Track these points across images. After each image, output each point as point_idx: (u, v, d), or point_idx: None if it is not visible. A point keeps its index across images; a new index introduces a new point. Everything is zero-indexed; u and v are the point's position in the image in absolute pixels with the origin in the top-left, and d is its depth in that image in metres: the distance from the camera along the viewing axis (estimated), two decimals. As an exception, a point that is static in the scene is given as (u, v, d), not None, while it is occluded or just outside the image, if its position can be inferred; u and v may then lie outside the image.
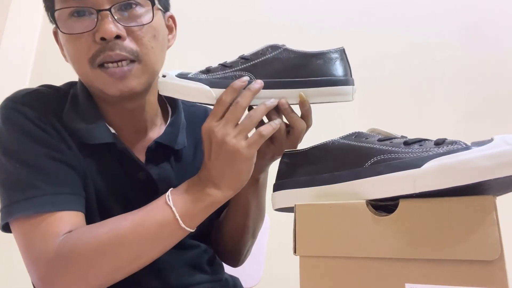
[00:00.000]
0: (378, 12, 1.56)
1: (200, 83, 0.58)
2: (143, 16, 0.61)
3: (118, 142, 0.64)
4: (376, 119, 1.42)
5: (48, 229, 0.55)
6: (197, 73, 0.61)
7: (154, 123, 0.72)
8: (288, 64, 0.60)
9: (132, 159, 0.65)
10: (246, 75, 0.59)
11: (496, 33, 1.48)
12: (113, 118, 0.67)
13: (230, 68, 0.60)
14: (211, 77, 0.60)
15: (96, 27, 0.58)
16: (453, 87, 1.46)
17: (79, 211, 0.59)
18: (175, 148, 0.70)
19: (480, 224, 0.37)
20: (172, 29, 0.72)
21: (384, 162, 0.44)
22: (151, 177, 0.66)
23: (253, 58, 0.61)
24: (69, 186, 0.59)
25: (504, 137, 0.39)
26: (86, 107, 0.65)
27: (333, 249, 0.43)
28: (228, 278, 0.76)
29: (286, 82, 0.59)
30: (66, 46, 0.62)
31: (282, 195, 0.52)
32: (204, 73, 0.60)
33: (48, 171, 0.58)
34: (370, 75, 1.49)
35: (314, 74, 0.60)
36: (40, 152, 0.59)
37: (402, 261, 0.40)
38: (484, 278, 0.36)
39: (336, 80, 0.60)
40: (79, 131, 0.63)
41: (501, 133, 0.42)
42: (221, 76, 0.60)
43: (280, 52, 0.60)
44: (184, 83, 0.59)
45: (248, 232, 0.75)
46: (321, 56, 0.60)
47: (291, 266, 0.54)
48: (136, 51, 0.60)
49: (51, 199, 0.57)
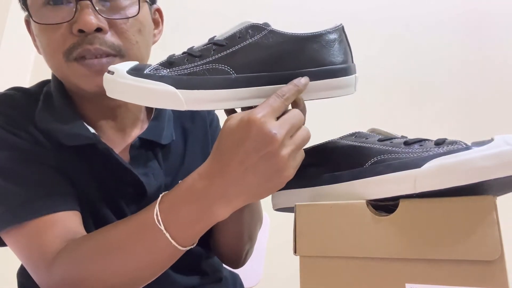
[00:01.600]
0: (378, 12, 1.56)
1: (162, 83, 0.44)
2: (128, 8, 0.56)
3: (99, 142, 0.58)
4: (376, 119, 1.42)
5: (42, 235, 0.51)
6: (156, 67, 0.46)
7: (137, 119, 0.67)
8: (275, 52, 0.47)
9: (115, 160, 0.59)
10: (222, 68, 0.46)
11: (496, 33, 1.48)
12: (92, 116, 0.62)
13: (200, 58, 0.46)
14: (175, 73, 0.45)
15: (74, 18, 0.53)
16: (453, 87, 1.46)
17: (71, 210, 0.54)
18: (162, 143, 0.64)
19: (480, 224, 0.37)
20: (158, 23, 0.67)
21: (384, 162, 0.44)
22: (137, 178, 0.60)
23: (229, 44, 0.47)
24: (54, 186, 0.55)
25: (504, 137, 0.39)
26: (61, 106, 0.60)
27: (333, 249, 0.43)
28: (228, 275, 0.75)
29: (274, 76, 0.47)
30: (39, 37, 0.56)
31: (282, 195, 0.52)
32: (166, 66, 0.46)
33: (27, 176, 0.54)
34: (370, 74, 1.50)
35: (309, 64, 0.48)
36: (16, 158, 0.54)
37: (402, 261, 0.40)
38: (484, 278, 0.36)
39: (336, 70, 0.49)
40: (56, 132, 0.57)
41: (501, 133, 0.42)
42: (189, 71, 0.45)
43: (265, 36, 0.47)
44: (139, 84, 0.44)
45: (243, 237, 0.69)
46: (317, 39, 0.48)
47: (291, 266, 0.54)
48: (118, 46, 0.55)
49: (34, 204, 0.52)
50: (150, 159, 0.64)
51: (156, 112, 0.68)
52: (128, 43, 0.57)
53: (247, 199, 0.45)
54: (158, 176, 0.63)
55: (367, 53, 1.53)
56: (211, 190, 0.44)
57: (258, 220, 0.73)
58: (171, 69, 0.45)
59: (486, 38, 1.48)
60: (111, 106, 0.62)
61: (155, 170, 0.63)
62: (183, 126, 0.72)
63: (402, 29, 1.54)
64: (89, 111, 0.62)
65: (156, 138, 0.64)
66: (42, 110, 0.60)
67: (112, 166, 0.59)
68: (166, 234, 0.45)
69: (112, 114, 0.63)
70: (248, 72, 0.46)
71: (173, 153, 0.67)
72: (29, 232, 0.52)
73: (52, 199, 0.53)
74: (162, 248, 0.46)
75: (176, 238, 0.45)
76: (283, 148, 0.42)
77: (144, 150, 0.64)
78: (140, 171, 0.61)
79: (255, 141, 0.41)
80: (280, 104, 0.44)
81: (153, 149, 0.65)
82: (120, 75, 0.45)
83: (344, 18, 1.57)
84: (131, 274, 0.48)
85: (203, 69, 0.45)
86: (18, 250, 0.54)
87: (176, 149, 0.68)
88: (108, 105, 0.62)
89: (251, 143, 0.42)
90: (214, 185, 0.44)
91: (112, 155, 0.59)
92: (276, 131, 0.41)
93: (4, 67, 1.57)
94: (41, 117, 0.59)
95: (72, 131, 0.57)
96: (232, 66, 0.46)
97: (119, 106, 0.63)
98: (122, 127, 0.65)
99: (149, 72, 0.45)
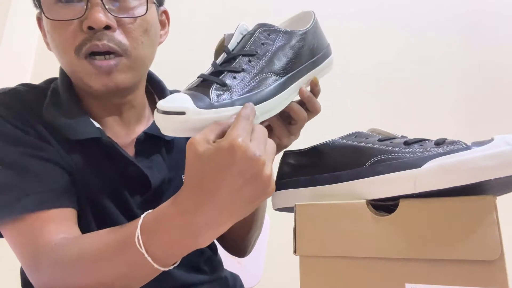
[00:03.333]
0: (378, 12, 1.56)
1: (238, 106, 0.45)
2: (136, 8, 0.58)
3: (103, 136, 0.60)
4: (376, 119, 1.42)
5: (36, 232, 0.52)
6: (217, 94, 0.45)
7: (142, 115, 0.69)
8: (297, 50, 0.53)
9: (120, 154, 0.61)
10: (269, 76, 0.49)
11: (496, 33, 1.48)
12: (98, 112, 0.64)
13: (246, 73, 0.48)
14: (238, 94, 0.46)
15: (85, 15, 0.55)
16: (453, 87, 1.46)
17: (68, 207, 0.55)
18: (166, 139, 0.66)
19: (480, 224, 0.37)
20: (165, 24, 0.69)
21: (384, 162, 0.44)
22: (141, 171, 0.62)
23: (260, 52, 0.50)
24: (54, 182, 0.56)
25: (504, 137, 0.39)
26: (68, 101, 0.62)
27: (333, 249, 0.43)
28: (228, 276, 0.75)
29: (302, 69, 0.54)
30: (51, 33, 0.58)
31: (282, 195, 0.52)
32: (223, 90, 0.46)
33: (29, 170, 0.55)
34: (370, 75, 1.50)
35: (316, 52, 0.56)
36: (19, 152, 0.56)
37: (402, 261, 0.40)
38: (484, 278, 0.36)
39: (327, 51, 0.59)
40: (61, 127, 0.59)
41: (501, 133, 0.42)
42: (248, 88, 0.47)
43: (284, 37, 0.53)
44: (220, 114, 0.44)
45: (256, 223, 0.73)
46: (312, 30, 0.56)
47: (291, 266, 0.54)
48: (124, 45, 0.57)
49: (34, 198, 0.53)
50: (154, 153, 0.66)
51: None
52: (134, 43, 0.58)
53: (234, 221, 0.45)
54: (162, 169, 0.65)
55: (367, 53, 1.53)
56: (198, 218, 0.43)
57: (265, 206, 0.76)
58: (231, 92, 0.46)
59: (487, 38, 1.48)
60: (116, 103, 0.64)
61: (159, 164, 0.65)
62: None
63: (402, 28, 1.54)
64: (95, 107, 0.64)
65: (160, 133, 0.65)
66: (49, 105, 0.61)
67: (117, 160, 0.61)
68: (145, 255, 0.44)
69: (117, 110, 0.65)
70: (287, 73, 0.51)
71: (176, 149, 0.69)
72: (22, 227, 0.53)
73: (49, 195, 0.54)
74: (141, 266, 0.46)
75: (157, 260, 0.45)
76: (265, 166, 0.42)
77: (149, 145, 0.65)
78: (144, 164, 0.63)
79: (240, 166, 0.41)
80: (250, 126, 0.44)
81: (157, 144, 0.66)
82: (195, 111, 0.43)
83: (344, 17, 1.57)
84: (110, 284, 0.48)
85: (257, 81, 0.48)
86: (12, 244, 0.55)
87: (179, 145, 0.70)
88: (113, 102, 0.64)
89: (237, 167, 0.41)
90: (201, 213, 0.43)
91: (117, 149, 0.61)
92: (259, 152, 0.42)
93: (4, 67, 1.57)
94: (48, 112, 0.60)
95: (77, 125, 0.59)
96: (274, 71, 0.50)
97: (124, 103, 0.65)
98: (127, 122, 0.67)
99: (217, 100, 0.45)
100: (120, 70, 0.58)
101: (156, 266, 0.45)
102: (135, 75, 0.60)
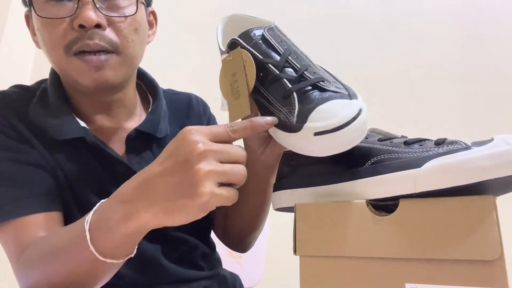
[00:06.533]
0: (378, 12, 1.56)
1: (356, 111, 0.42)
2: (126, 7, 0.59)
3: (88, 135, 0.60)
4: (376, 119, 1.42)
5: (17, 238, 0.53)
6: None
7: (133, 113, 0.70)
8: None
9: (106, 152, 0.61)
10: (322, 79, 0.46)
11: (496, 33, 1.48)
12: (87, 110, 0.64)
13: (329, 83, 0.46)
14: (330, 93, 0.44)
15: (76, 13, 0.55)
16: (453, 87, 1.46)
17: (50, 210, 0.56)
18: (157, 136, 0.67)
19: (480, 224, 0.37)
20: (152, 24, 0.70)
21: (384, 162, 0.44)
22: (130, 168, 0.62)
23: (299, 61, 0.47)
24: (36, 187, 0.56)
25: (504, 137, 0.39)
26: (55, 100, 0.62)
27: (333, 249, 0.43)
28: (227, 274, 0.75)
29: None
30: (41, 31, 0.58)
31: (282, 195, 0.52)
32: (319, 89, 0.44)
33: (10, 176, 0.56)
34: (370, 75, 1.50)
35: None
36: (1, 158, 0.57)
37: (402, 261, 0.40)
38: (484, 278, 0.36)
39: None
40: (47, 127, 0.60)
41: (501, 133, 0.42)
42: (329, 93, 0.44)
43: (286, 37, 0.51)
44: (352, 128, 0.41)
45: (264, 221, 0.71)
46: None
47: (291, 266, 0.54)
48: (115, 43, 0.58)
49: (16, 205, 0.54)
50: (145, 150, 0.66)
51: (153, 107, 0.70)
52: (124, 41, 0.59)
53: (157, 213, 0.41)
54: None
55: (367, 53, 1.53)
56: (136, 204, 0.42)
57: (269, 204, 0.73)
58: (324, 91, 0.44)
59: (487, 38, 1.48)
60: (106, 101, 0.65)
61: (149, 161, 0.63)
62: (178, 122, 0.74)
63: (402, 28, 1.54)
64: (84, 106, 0.65)
65: (151, 130, 0.67)
66: (36, 105, 0.62)
67: (104, 158, 0.62)
68: (87, 237, 0.43)
69: (107, 108, 0.66)
70: (318, 72, 0.47)
71: None
72: (5, 234, 0.55)
73: (30, 201, 0.55)
74: (85, 258, 0.45)
75: (102, 254, 0.44)
76: (203, 161, 0.39)
77: (140, 142, 0.66)
78: (134, 160, 0.64)
79: (176, 145, 0.40)
80: (222, 131, 0.42)
81: (148, 141, 0.67)
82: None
83: (344, 17, 1.57)
84: (66, 280, 0.47)
85: (339, 87, 0.46)
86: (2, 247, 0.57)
87: None
88: (103, 100, 0.64)
89: (173, 145, 0.41)
90: (137, 196, 0.42)
91: (102, 148, 0.61)
92: (201, 143, 0.39)
93: (4, 67, 1.57)
94: (35, 113, 0.61)
95: (62, 125, 0.60)
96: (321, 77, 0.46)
97: (114, 101, 0.66)
98: (117, 120, 0.67)
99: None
100: (111, 66, 0.58)
101: (95, 252, 0.43)
102: (124, 73, 0.61)
